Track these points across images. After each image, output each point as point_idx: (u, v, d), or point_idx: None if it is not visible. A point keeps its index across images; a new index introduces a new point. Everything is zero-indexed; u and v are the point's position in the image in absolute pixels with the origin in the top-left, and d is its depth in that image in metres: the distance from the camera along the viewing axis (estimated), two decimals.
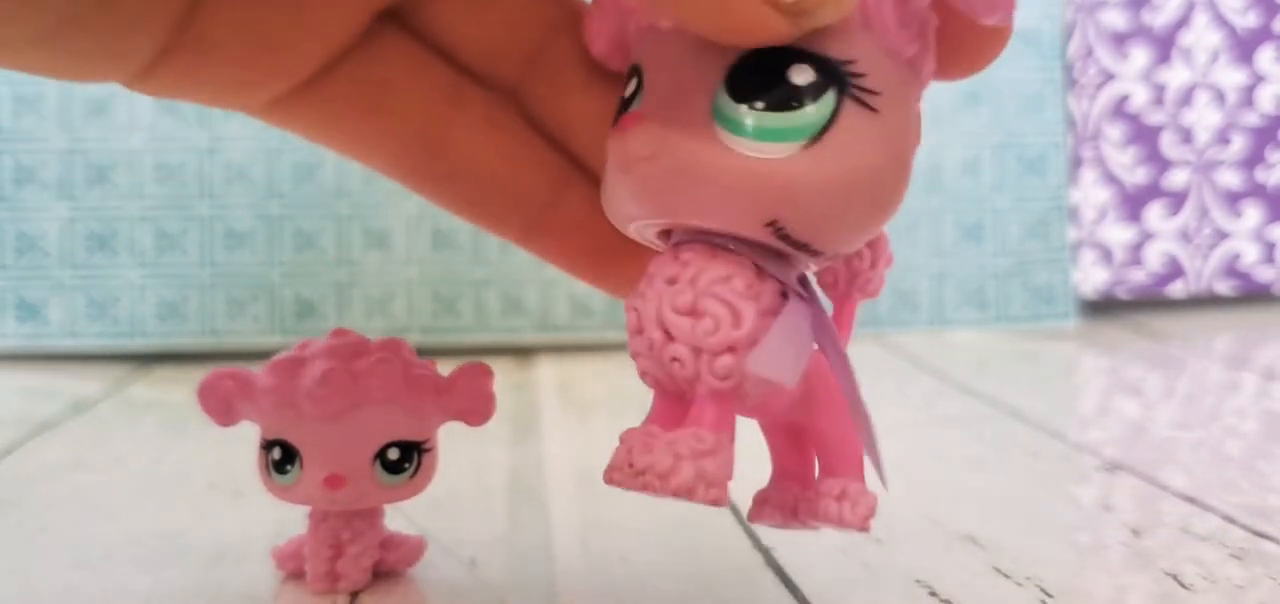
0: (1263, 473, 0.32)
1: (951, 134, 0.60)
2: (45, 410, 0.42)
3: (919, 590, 0.24)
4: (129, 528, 0.28)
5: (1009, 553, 0.26)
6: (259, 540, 0.27)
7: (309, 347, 0.23)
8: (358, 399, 0.22)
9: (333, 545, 0.24)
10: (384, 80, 0.22)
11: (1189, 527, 0.28)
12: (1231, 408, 0.41)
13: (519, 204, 0.23)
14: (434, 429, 0.24)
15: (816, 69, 0.17)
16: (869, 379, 0.25)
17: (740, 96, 0.17)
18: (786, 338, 0.18)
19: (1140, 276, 0.63)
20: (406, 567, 0.25)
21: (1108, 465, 0.33)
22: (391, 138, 0.23)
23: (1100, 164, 0.63)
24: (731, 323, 0.18)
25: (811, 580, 0.24)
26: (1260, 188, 0.64)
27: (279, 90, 0.22)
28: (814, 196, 0.17)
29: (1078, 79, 0.62)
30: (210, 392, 0.23)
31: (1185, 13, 0.63)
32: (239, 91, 0.22)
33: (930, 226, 0.60)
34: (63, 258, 0.52)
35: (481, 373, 0.24)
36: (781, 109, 0.17)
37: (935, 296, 0.59)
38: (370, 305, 0.54)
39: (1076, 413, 0.43)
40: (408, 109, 0.23)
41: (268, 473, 0.23)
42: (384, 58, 0.22)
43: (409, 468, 0.23)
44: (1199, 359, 0.51)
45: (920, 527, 0.28)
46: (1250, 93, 0.64)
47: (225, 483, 0.32)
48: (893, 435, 0.24)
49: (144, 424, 0.40)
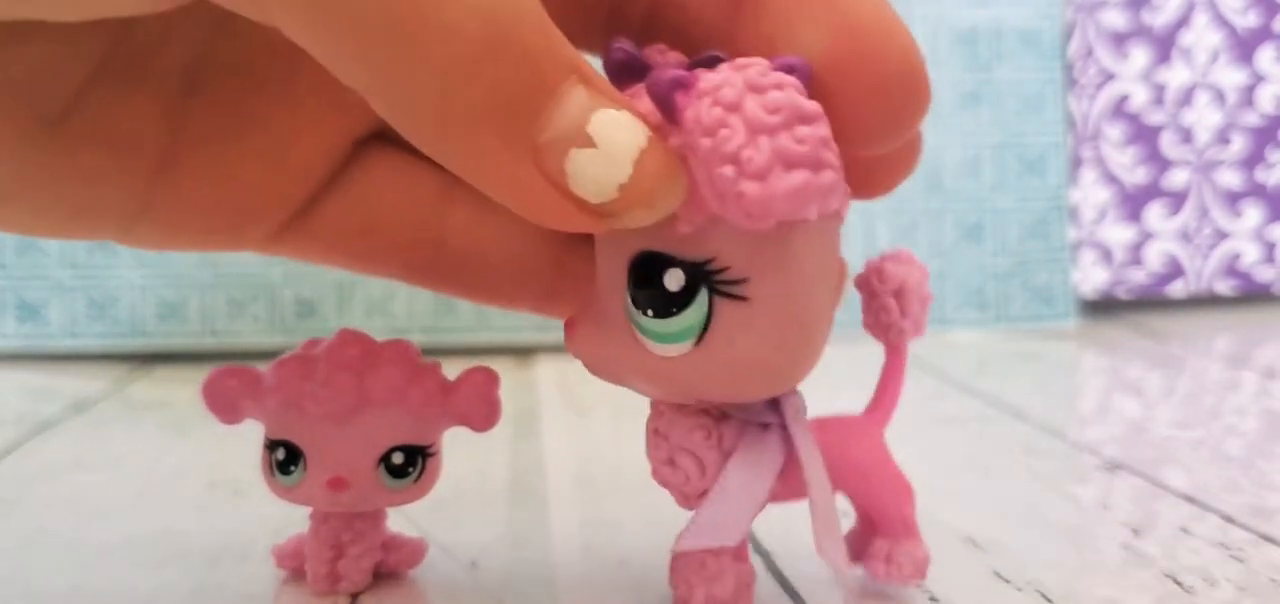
0: (1263, 472, 0.32)
1: (951, 134, 0.60)
2: (45, 410, 0.42)
3: (919, 591, 0.24)
4: (129, 528, 0.28)
5: (1009, 553, 0.26)
6: (260, 540, 0.27)
7: (316, 346, 0.23)
8: (363, 402, 0.22)
9: (334, 546, 0.24)
10: (372, 198, 0.23)
11: (1189, 527, 0.28)
12: (1231, 407, 0.41)
13: (528, 279, 0.23)
14: (439, 434, 0.24)
15: (685, 272, 0.17)
16: (870, 379, 0.25)
17: (636, 302, 0.18)
18: (724, 499, 0.20)
19: (1140, 276, 0.63)
20: (407, 568, 0.25)
21: (1108, 465, 0.33)
22: (392, 250, 0.23)
23: (1100, 164, 0.63)
24: (698, 474, 0.20)
25: (811, 583, 0.24)
26: (1260, 188, 0.64)
27: (268, 230, 0.22)
28: (714, 386, 0.19)
29: (1078, 79, 0.62)
30: (215, 389, 0.23)
31: (1185, 13, 0.63)
32: (228, 236, 0.22)
33: (930, 226, 0.60)
34: (63, 258, 0.52)
35: (487, 378, 0.24)
36: (665, 316, 0.18)
37: (935, 296, 0.59)
38: (370, 305, 0.54)
39: (1076, 413, 0.43)
40: (400, 219, 0.23)
41: (271, 473, 0.23)
42: (369, 176, 0.23)
43: (413, 472, 0.23)
44: (1199, 359, 0.51)
45: (920, 527, 0.28)
46: (1250, 93, 0.64)
47: (226, 482, 0.32)
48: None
49: (144, 424, 0.40)
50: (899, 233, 0.59)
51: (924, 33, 0.60)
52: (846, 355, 0.28)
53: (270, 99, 0.22)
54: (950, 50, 0.60)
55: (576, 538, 0.28)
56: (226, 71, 0.21)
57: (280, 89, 0.22)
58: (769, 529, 0.28)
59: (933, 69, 0.19)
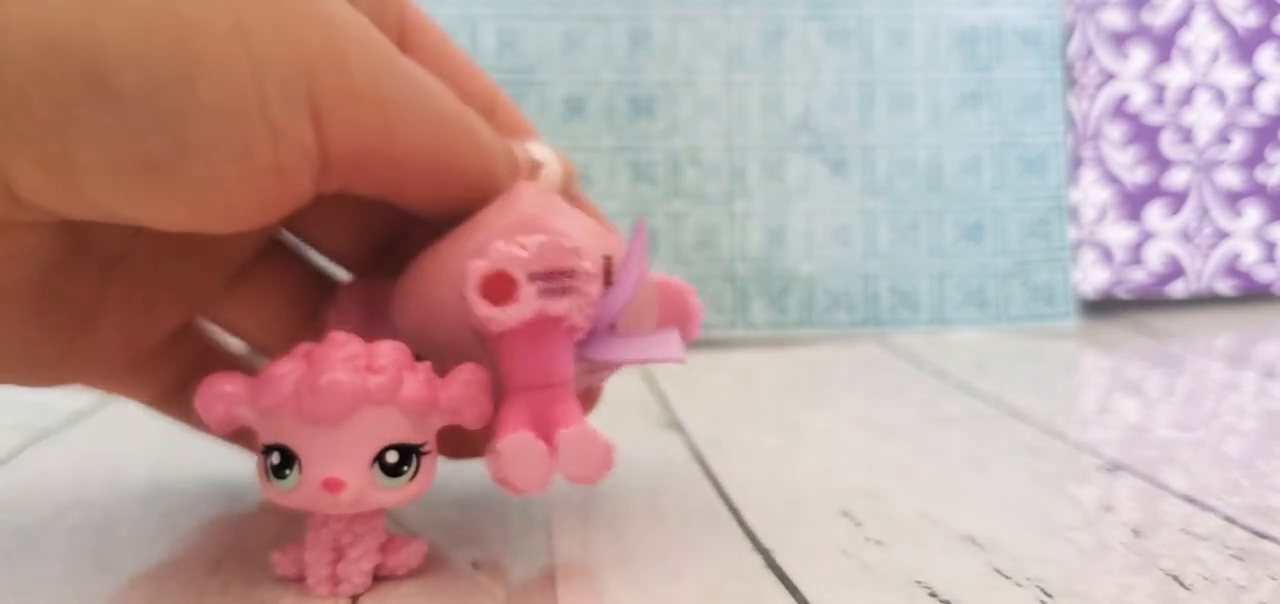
0: (1263, 473, 0.32)
1: (951, 134, 0.60)
2: (42, 421, 0.42)
3: (919, 591, 0.24)
4: (129, 535, 0.28)
5: (1009, 553, 0.26)
6: (261, 546, 0.27)
7: (308, 349, 0.23)
8: (355, 402, 0.22)
9: (333, 549, 0.24)
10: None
11: (1190, 527, 0.28)
12: (1232, 407, 0.41)
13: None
14: (432, 431, 0.24)
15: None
16: (870, 379, 0.25)
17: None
18: None
19: (1140, 276, 0.63)
20: (407, 570, 0.25)
21: (1108, 465, 0.33)
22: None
23: (1100, 164, 0.63)
24: None
25: (812, 581, 0.24)
26: (1260, 187, 0.64)
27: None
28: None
29: (1078, 79, 0.62)
30: (208, 397, 0.23)
31: (1185, 12, 0.63)
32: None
33: (930, 226, 0.60)
34: None
35: (478, 374, 0.24)
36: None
37: (935, 296, 0.59)
38: None
39: (1077, 412, 0.43)
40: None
41: (267, 478, 0.23)
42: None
43: (408, 471, 0.23)
44: (1199, 359, 0.51)
45: (920, 527, 0.28)
46: (1250, 92, 0.64)
47: (226, 489, 0.32)
48: (893, 435, 0.24)
49: (144, 430, 0.40)
50: (899, 233, 0.59)
51: (924, 33, 0.60)
52: (846, 355, 0.28)
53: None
54: (950, 50, 0.60)
55: (576, 538, 0.28)
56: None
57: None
58: (769, 528, 0.28)
59: (933, 69, 0.19)
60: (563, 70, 0.59)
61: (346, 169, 0.23)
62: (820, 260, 0.59)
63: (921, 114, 0.60)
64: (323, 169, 0.22)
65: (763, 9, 0.60)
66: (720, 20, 0.60)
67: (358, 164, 0.23)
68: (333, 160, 0.22)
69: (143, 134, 0.20)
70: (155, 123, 0.20)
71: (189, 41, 0.20)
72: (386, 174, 0.23)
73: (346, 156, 0.22)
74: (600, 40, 0.59)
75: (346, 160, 0.22)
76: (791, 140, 0.60)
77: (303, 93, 0.21)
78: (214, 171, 0.21)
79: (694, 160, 0.60)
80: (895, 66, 0.60)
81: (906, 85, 0.60)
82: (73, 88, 0.19)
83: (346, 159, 0.22)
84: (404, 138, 0.23)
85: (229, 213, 0.22)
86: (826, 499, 0.30)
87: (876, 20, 0.60)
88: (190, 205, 0.21)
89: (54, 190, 0.20)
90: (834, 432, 0.38)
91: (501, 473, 0.23)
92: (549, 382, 0.24)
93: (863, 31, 0.60)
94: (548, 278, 0.23)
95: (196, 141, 0.20)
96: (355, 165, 0.23)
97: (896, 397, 0.44)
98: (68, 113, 0.19)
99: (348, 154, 0.22)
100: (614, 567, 0.26)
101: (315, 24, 0.21)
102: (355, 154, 0.22)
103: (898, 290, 0.59)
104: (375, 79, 0.22)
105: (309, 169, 0.22)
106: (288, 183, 0.22)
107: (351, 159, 0.22)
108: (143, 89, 0.20)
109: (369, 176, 0.23)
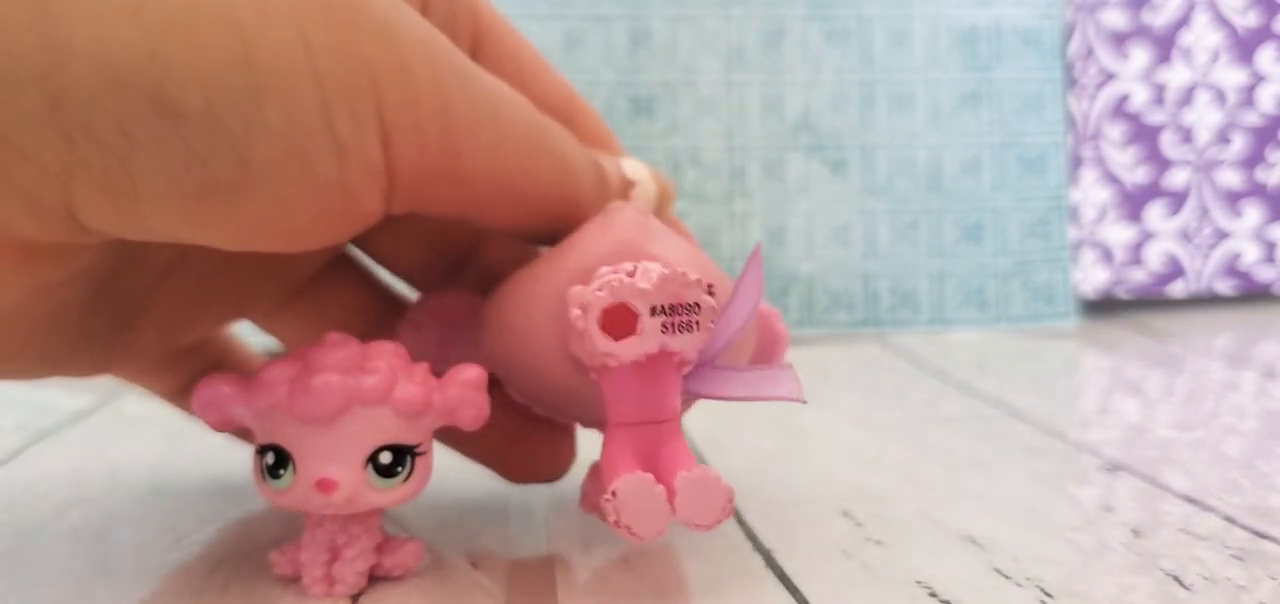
0: (1263, 473, 0.32)
1: (951, 134, 0.60)
2: (42, 421, 0.42)
3: (919, 591, 0.24)
4: (128, 536, 0.28)
5: (1009, 553, 0.26)
6: (260, 546, 0.27)
7: (304, 350, 0.23)
8: (346, 402, 0.22)
9: (329, 550, 0.24)
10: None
11: (1190, 527, 0.28)
12: (1232, 407, 0.41)
13: None
14: (427, 432, 0.24)
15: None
16: (870, 379, 0.25)
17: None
18: None
19: (1140, 276, 0.63)
20: (404, 570, 0.25)
21: (1108, 465, 0.33)
22: None
23: (1100, 164, 0.63)
24: None
25: (812, 581, 0.24)
26: (1260, 187, 0.64)
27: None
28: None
29: (1078, 79, 0.62)
30: (206, 396, 0.23)
31: (1185, 12, 0.63)
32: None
33: (930, 226, 0.60)
34: None
35: (475, 375, 0.24)
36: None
37: (935, 296, 0.59)
38: None
39: (1077, 413, 0.43)
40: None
41: (262, 478, 0.23)
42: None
43: (402, 471, 0.23)
44: (1199, 359, 0.51)
45: (920, 527, 0.28)
46: (1250, 92, 0.64)
47: (226, 489, 0.32)
48: (893, 435, 0.24)
49: (144, 430, 0.40)
50: (899, 233, 0.59)
51: (924, 33, 0.60)
52: (846, 355, 0.28)
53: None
54: (950, 50, 0.60)
55: (577, 538, 0.28)
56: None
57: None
58: (769, 528, 0.28)
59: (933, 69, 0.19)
60: (563, 70, 0.59)
61: (415, 189, 0.22)
62: (820, 260, 0.59)
63: (921, 114, 0.60)
64: (390, 188, 0.21)
65: (763, 9, 0.60)
66: (720, 20, 0.60)
67: (426, 184, 0.22)
68: (400, 179, 0.21)
69: (208, 156, 0.19)
70: (220, 144, 0.19)
71: (253, 58, 0.19)
72: (458, 194, 0.22)
73: (414, 175, 0.21)
74: (600, 40, 0.59)
75: (414, 180, 0.21)
76: (791, 140, 0.60)
77: (369, 108, 0.20)
78: (278, 191, 0.20)
79: (694, 160, 0.60)
80: (895, 66, 0.60)
81: (906, 85, 0.60)
82: (137, 111, 0.19)
83: (414, 178, 0.21)
84: (474, 156, 0.22)
85: (293, 234, 0.21)
86: (826, 499, 0.30)
87: (876, 20, 0.60)
88: (254, 227, 0.20)
89: (118, 217, 0.20)
90: (834, 432, 0.38)
91: (619, 518, 0.22)
92: (658, 417, 0.22)
93: (863, 31, 0.60)
94: (670, 312, 0.22)
95: (261, 161, 0.19)
96: (424, 185, 0.22)
97: (896, 397, 0.44)
98: (132, 138, 0.19)
99: (415, 172, 0.21)
100: (614, 567, 0.26)
101: (379, 37, 0.21)
102: (422, 172, 0.21)
103: (898, 290, 0.59)
104: (443, 95, 0.21)
105: (376, 188, 0.21)
106: (353, 202, 0.21)
107: (419, 178, 0.22)
108: (207, 109, 0.19)
109: (439, 197, 0.22)
